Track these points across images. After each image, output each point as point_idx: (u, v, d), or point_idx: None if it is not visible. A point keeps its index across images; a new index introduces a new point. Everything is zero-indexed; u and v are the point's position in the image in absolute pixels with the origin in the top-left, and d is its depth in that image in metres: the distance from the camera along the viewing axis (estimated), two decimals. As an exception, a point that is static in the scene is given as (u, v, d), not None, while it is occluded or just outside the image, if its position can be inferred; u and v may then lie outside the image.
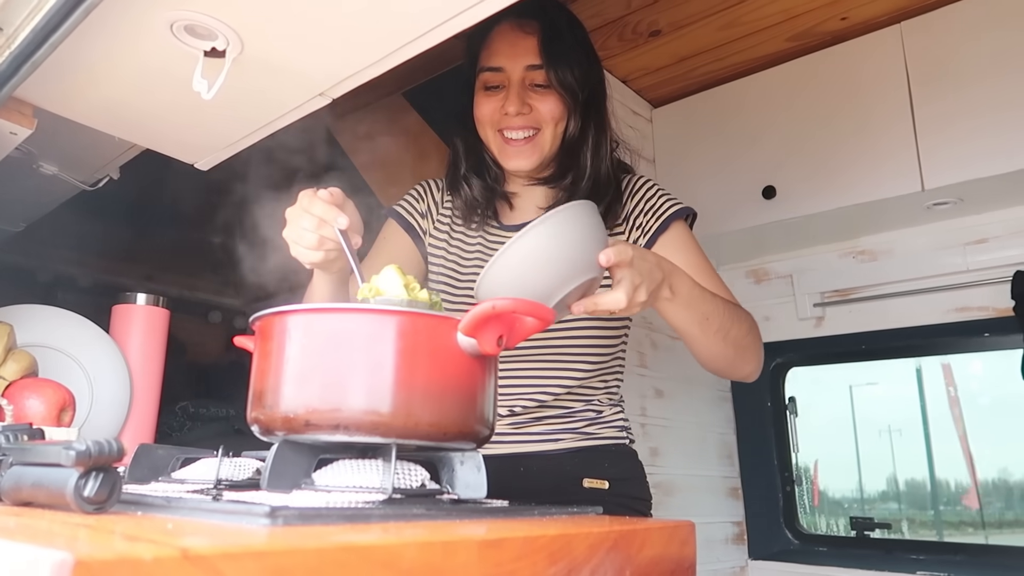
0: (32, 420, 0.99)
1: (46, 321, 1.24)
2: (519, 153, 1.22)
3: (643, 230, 1.23)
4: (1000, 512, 6.71)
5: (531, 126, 1.21)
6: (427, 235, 1.33)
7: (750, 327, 1.11)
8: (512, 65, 1.22)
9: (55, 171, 1.34)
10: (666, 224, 1.21)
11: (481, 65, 1.25)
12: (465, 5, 0.81)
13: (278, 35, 0.88)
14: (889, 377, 6.17)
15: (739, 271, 2.62)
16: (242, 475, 0.79)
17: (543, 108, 1.21)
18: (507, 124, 1.21)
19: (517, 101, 1.20)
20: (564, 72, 1.20)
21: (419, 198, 1.36)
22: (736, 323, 1.06)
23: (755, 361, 1.13)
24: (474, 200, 1.28)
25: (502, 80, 1.23)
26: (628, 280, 0.84)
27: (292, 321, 0.73)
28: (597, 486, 1.17)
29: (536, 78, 1.22)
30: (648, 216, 1.23)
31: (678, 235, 1.22)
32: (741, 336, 1.07)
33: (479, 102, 1.24)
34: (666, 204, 1.23)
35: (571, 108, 1.22)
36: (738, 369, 1.12)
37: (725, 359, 1.08)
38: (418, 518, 0.61)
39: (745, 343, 1.09)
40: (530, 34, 1.22)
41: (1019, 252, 2.07)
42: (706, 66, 2.31)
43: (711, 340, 1.03)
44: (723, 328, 1.03)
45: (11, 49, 0.82)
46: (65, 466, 0.57)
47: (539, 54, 1.21)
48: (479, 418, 0.75)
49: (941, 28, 1.99)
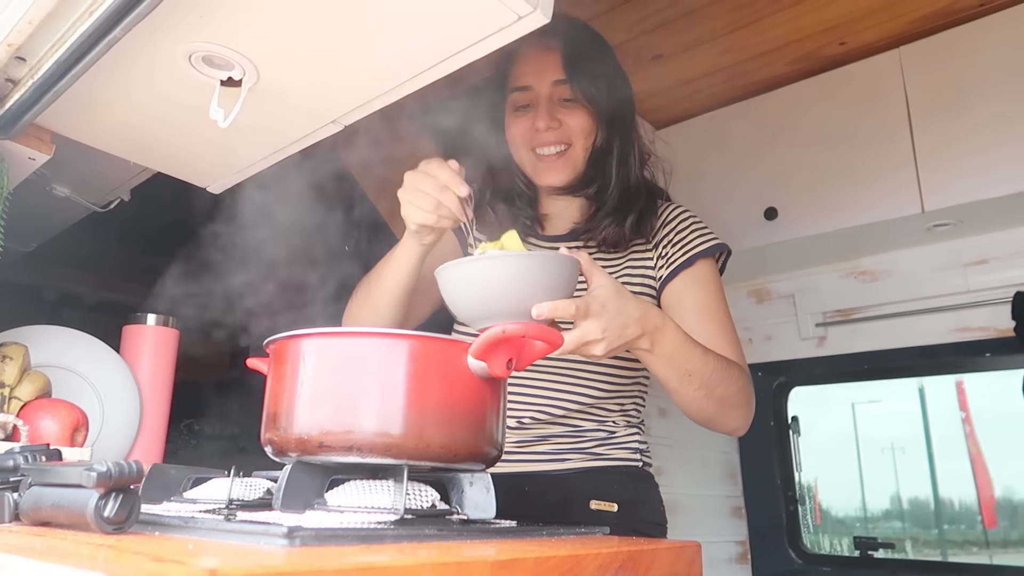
0: (47, 440, 1.00)
1: (59, 342, 1.26)
2: (552, 168, 1.24)
3: (667, 261, 1.22)
4: (1005, 532, 6.66)
5: (562, 141, 1.23)
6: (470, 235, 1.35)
7: (741, 386, 1.08)
8: (538, 82, 1.24)
9: (68, 193, 1.36)
10: (692, 260, 1.21)
11: (510, 86, 1.28)
12: (476, 37, 0.83)
13: (293, 65, 0.91)
14: (891, 395, 6.15)
15: (741, 291, 2.64)
16: (253, 495, 0.81)
17: (572, 122, 1.23)
18: (539, 141, 1.23)
19: (547, 116, 1.22)
20: (588, 85, 1.22)
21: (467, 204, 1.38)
22: (725, 382, 1.04)
23: (740, 419, 1.11)
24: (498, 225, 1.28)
25: (531, 99, 1.25)
26: (579, 333, 0.85)
27: (306, 345, 0.75)
28: (605, 508, 1.15)
29: (563, 93, 1.24)
30: (676, 248, 1.22)
31: (701, 273, 1.21)
32: (728, 395, 1.05)
33: (511, 123, 1.27)
34: (696, 239, 1.23)
35: (597, 120, 1.24)
36: (719, 425, 1.10)
37: (704, 415, 1.07)
38: (430, 539, 0.62)
39: (732, 401, 1.07)
40: (553, 50, 1.24)
41: (1019, 273, 2.09)
42: (708, 89, 2.34)
43: (692, 395, 1.03)
44: (707, 385, 1.02)
45: (34, 79, 0.84)
46: (85, 487, 0.58)
47: (563, 68, 1.23)
48: (488, 440, 0.76)
49: (939, 53, 2.02)
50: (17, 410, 1.03)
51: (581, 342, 0.85)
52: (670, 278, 1.21)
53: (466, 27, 0.82)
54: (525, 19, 0.79)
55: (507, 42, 0.83)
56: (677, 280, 1.20)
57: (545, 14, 0.79)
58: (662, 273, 1.22)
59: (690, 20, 2.02)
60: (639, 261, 1.25)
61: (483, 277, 0.83)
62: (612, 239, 1.23)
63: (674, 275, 1.21)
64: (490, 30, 0.82)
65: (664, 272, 1.22)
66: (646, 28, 2.06)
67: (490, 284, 0.83)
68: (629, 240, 1.23)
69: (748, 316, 2.62)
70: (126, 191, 1.40)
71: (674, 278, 1.21)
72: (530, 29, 0.81)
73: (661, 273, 1.23)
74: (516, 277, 0.82)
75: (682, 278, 1.20)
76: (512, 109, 1.28)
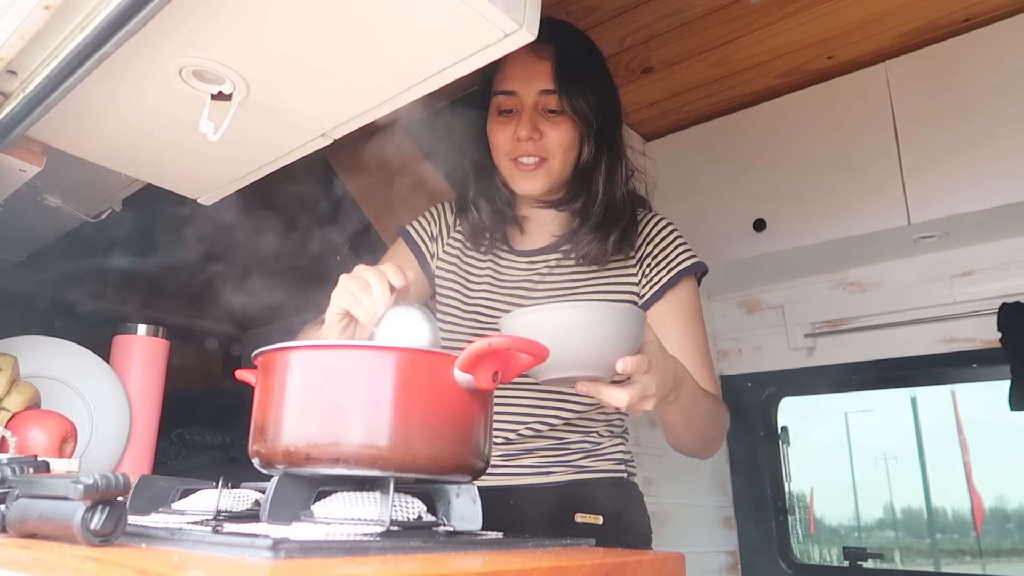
0: (35, 451, 1.00)
1: (49, 352, 1.26)
2: (529, 177, 1.21)
3: (651, 281, 1.22)
4: (997, 541, 6.67)
5: (539, 154, 1.20)
6: (435, 258, 1.33)
7: (724, 424, 1.16)
8: (525, 89, 1.21)
9: (59, 203, 1.37)
10: (676, 279, 1.21)
11: (495, 88, 1.24)
12: (463, 54, 0.84)
13: (283, 79, 0.92)
14: (884, 404, 6.17)
15: (731, 302, 2.65)
16: (241, 506, 0.81)
17: (553, 136, 1.20)
18: (519, 151, 1.21)
19: (528, 126, 1.19)
20: (578, 98, 1.19)
21: (431, 220, 1.36)
22: (713, 423, 1.11)
23: (716, 450, 1.19)
24: (481, 224, 1.28)
25: (515, 104, 1.22)
26: (640, 388, 0.84)
27: (294, 357, 0.75)
28: (590, 521, 1.15)
29: (549, 103, 1.21)
30: (660, 267, 1.23)
31: (685, 293, 1.22)
32: (713, 433, 1.13)
33: (493, 128, 1.24)
34: (680, 257, 1.23)
35: (584, 134, 1.22)
36: (697, 455, 1.18)
37: (691, 449, 1.15)
38: (416, 550, 0.62)
39: (714, 438, 1.15)
40: (545, 59, 1.21)
41: (1004, 285, 2.11)
42: (697, 101, 2.36)
43: (687, 437, 1.09)
44: (702, 428, 1.09)
45: (25, 93, 0.85)
46: (72, 499, 0.59)
47: (553, 79, 1.20)
48: (475, 451, 0.77)
49: (925, 67, 2.04)
50: (6, 421, 1.04)
51: (642, 396, 0.84)
52: (656, 298, 1.21)
53: (453, 44, 0.83)
54: (511, 36, 0.81)
55: (494, 59, 0.85)
56: (662, 301, 1.21)
57: (531, 32, 0.80)
58: (647, 291, 1.23)
59: (679, 33, 2.04)
60: (623, 275, 1.25)
61: (570, 325, 0.81)
62: (593, 255, 1.22)
63: (660, 295, 1.21)
64: (477, 47, 0.83)
65: (649, 291, 1.22)
66: (636, 41, 2.08)
67: (575, 333, 0.80)
68: (609, 257, 1.23)
69: (738, 327, 2.63)
70: (117, 201, 1.41)
71: (660, 298, 1.21)
72: (517, 46, 0.82)
73: (645, 291, 1.23)
74: (603, 329, 0.81)
75: (667, 299, 1.21)
76: (496, 112, 1.25)
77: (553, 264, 1.27)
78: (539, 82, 1.21)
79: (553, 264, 1.27)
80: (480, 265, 1.30)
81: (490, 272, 1.29)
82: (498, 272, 1.28)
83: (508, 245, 1.30)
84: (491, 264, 1.30)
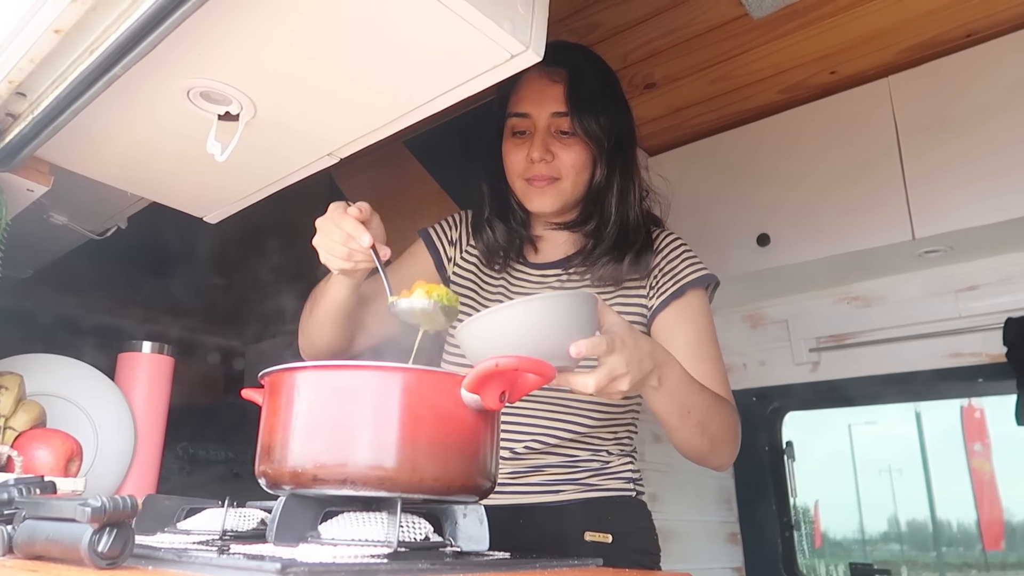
0: (41, 471, 1.00)
1: (55, 371, 1.26)
2: (542, 194, 1.23)
3: (658, 291, 1.22)
4: (1003, 554, 6.62)
5: (552, 175, 1.22)
6: (452, 263, 1.35)
7: (731, 424, 1.10)
8: (538, 111, 1.24)
9: (65, 221, 1.37)
10: (683, 290, 1.21)
11: (509, 110, 1.27)
12: (470, 75, 0.85)
13: (289, 100, 0.92)
14: (888, 417, 6.14)
15: (735, 316, 2.65)
16: (247, 526, 0.81)
17: (565, 157, 1.22)
18: (532, 172, 1.23)
19: (541, 147, 1.22)
20: (589, 121, 1.21)
21: (453, 226, 1.38)
22: (717, 418, 1.05)
23: (728, 456, 1.12)
24: (495, 244, 1.29)
25: (528, 126, 1.25)
26: (606, 370, 0.83)
27: (300, 378, 0.76)
28: (600, 540, 1.14)
29: (562, 125, 1.23)
30: (667, 278, 1.23)
31: (692, 304, 1.21)
32: (721, 432, 1.07)
33: (507, 150, 1.27)
34: (688, 269, 1.23)
35: (596, 156, 1.24)
36: (709, 462, 1.11)
37: (698, 451, 1.08)
38: (423, 572, 0.62)
39: (723, 439, 1.08)
40: (557, 82, 1.23)
41: (1010, 299, 2.10)
42: (700, 117, 2.37)
43: (688, 432, 1.03)
44: (703, 423, 1.03)
45: (34, 115, 0.86)
46: (80, 522, 0.59)
47: (565, 101, 1.22)
48: (482, 472, 0.77)
49: (927, 82, 2.05)
50: (12, 440, 1.04)
51: (611, 377, 0.84)
52: (661, 308, 1.21)
53: (460, 65, 0.84)
54: (518, 57, 0.81)
55: (500, 79, 0.85)
56: (668, 310, 1.21)
57: (537, 53, 0.81)
58: (653, 303, 1.23)
59: (681, 50, 2.05)
60: (633, 291, 1.25)
61: (515, 323, 0.81)
62: (610, 277, 1.23)
63: (665, 305, 1.21)
64: (483, 68, 0.83)
65: (656, 302, 1.22)
66: (639, 57, 2.09)
67: (521, 329, 0.81)
68: (625, 276, 1.23)
69: (742, 341, 2.63)
70: (123, 219, 1.41)
71: (665, 308, 1.21)
72: (523, 67, 0.83)
73: (653, 303, 1.23)
74: (549, 319, 0.81)
75: (673, 308, 1.21)
76: (510, 133, 1.27)
77: (565, 279, 1.27)
78: (551, 104, 1.23)
79: (565, 279, 1.27)
80: (495, 281, 1.32)
81: (504, 286, 1.30)
82: (511, 285, 1.30)
83: (522, 259, 1.32)
84: (505, 279, 1.31)
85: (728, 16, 1.92)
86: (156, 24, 0.70)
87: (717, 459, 1.11)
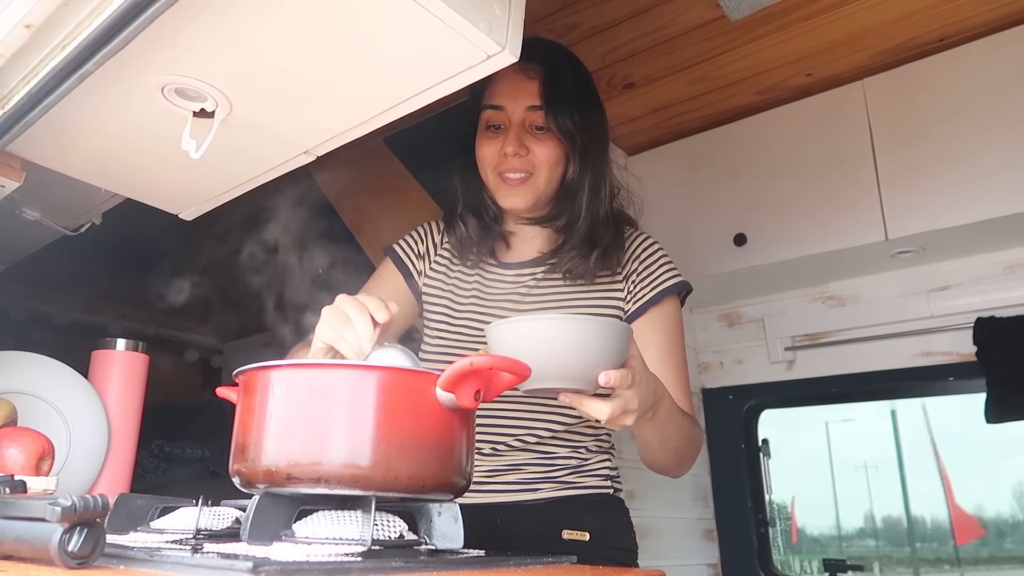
0: (11, 470, 0.99)
1: (27, 368, 1.24)
2: (514, 192, 1.23)
3: (635, 298, 1.24)
4: (976, 549, 6.74)
5: (526, 169, 1.23)
6: (422, 276, 1.35)
7: (698, 444, 1.16)
8: (513, 105, 1.24)
9: (38, 217, 1.35)
10: (659, 297, 1.23)
11: (484, 102, 1.27)
12: (446, 74, 0.85)
13: (265, 97, 0.92)
14: (864, 415, 6.22)
15: (712, 315, 2.67)
16: (221, 525, 0.80)
17: (539, 152, 1.23)
18: (505, 166, 1.23)
19: (515, 141, 1.22)
20: (563, 117, 1.22)
21: (419, 239, 1.38)
22: (687, 442, 1.11)
23: (688, 469, 1.20)
24: (469, 238, 1.30)
25: (503, 120, 1.25)
26: (622, 402, 0.84)
27: (275, 376, 0.75)
28: (577, 538, 1.15)
29: (536, 120, 1.23)
30: (644, 284, 1.25)
31: (667, 312, 1.24)
32: (688, 453, 1.14)
33: (481, 143, 1.27)
34: (664, 275, 1.25)
35: (569, 152, 1.24)
36: (670, 472, 1.19)
37: (664, 467, 1.16)
38: (397, 571, 0.63)
39: (688, 457, 1.15)
40: (532, 78, 1.24)
41: (980, 299, 2.14)
42: (678, 117, 2.39)
43: (661, 454, 1.10)
44: (677, 447, 1.09)
45: (5, 110, 0.85)
46: (50, 521, 0.58)
47: (540, 96, 1.23)
48: (457, 470, 0.77)
49: (901, 85, 2.08)
50: (-18, 439, 1.02)
51: (623, 410, 0.84)
52: (639, 313, 1.23)
53: (436, 65, 0.84)
54: (494, 58, 0.81)
55: (477, 79, 0.85)
56: (645, 317, 1.22)
57: (514, 54, 0.81)
58: (630, 308, 1.24)
59: (660, 50, 2.07)
60: (610, 291, 1.26)
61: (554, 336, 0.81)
62: (577, 271, 1.24)
63: (643, 311, 1.23)
64: (460, 68, 0.84)
65: (632, 307, 1.24)
66: (618, 57, 2.10)
67: (555, 342, 0.81)
68: (594, 273, 1.25)
69: (719, 340, 2.65)
70: (97, 215, 1.40)
71: (643, 314, 1.23)
72: (499, 68, 0.83)
73: (629, 308, 1.24)
74: (590, 343, 0.81)
75: (649, 315, 1.23)
76: (484, 126, 1.27)
77: (540, 277, 1.28)
78: (526, 99, 1.24)
79: (540, 277, 1.28)
80: (467, 279, 1.31)
81: (478, 286, 1.30)
82: (485, 285, 1.30)
83: (495, 259, 1.32)
84: (479, 278, 1.31)
85: (706, 18, 1.94)
86: (129, 20, 0.69)
87: (678, 472, 1.18)
